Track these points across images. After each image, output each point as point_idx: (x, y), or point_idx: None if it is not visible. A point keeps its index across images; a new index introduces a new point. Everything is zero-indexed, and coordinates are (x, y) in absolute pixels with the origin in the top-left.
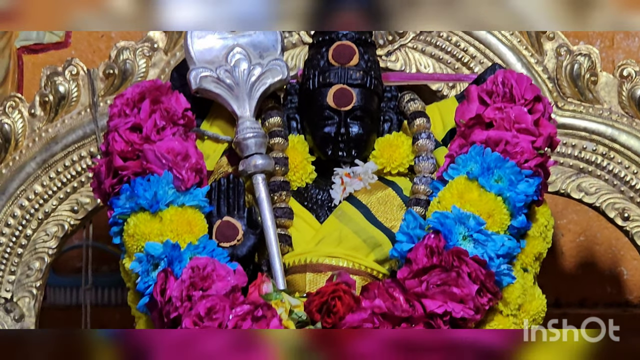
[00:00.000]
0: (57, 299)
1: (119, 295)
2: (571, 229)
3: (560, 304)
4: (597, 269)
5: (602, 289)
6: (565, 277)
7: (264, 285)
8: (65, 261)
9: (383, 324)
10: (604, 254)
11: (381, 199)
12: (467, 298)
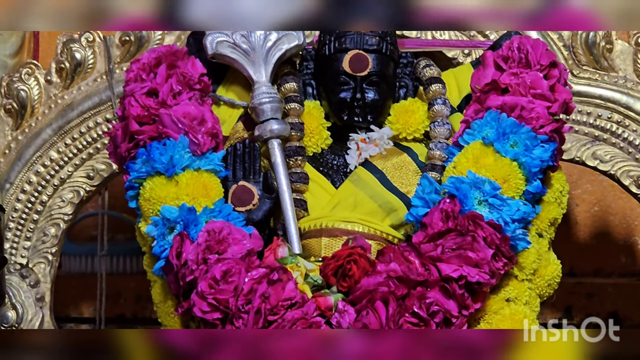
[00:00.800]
0: (73, 267)
1: (134, 263)
2: (586, 199)
3: (574, 274)
4: (612, 238)
5: (616, 259)
6: (580, 247)
7: (280, 249)
8: (81, 230)
9: (398, 288)
10: (618, 224)
11: (397, 164)
12: (483, 262)
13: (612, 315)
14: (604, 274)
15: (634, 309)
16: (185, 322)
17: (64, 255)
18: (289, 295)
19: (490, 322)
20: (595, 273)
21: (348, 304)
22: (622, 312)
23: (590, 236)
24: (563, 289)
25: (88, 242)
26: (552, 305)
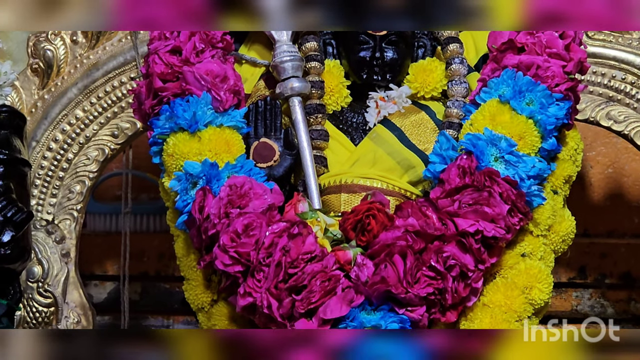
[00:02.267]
0: (97, 226)
1: (157, 222)
2: (600, 161)
3: (589, 234)
4: (625, 200)
5: (629, 220)
6: (594, 208)
7: (300, 205)
8: (105, 189)
9: (416, 242)
10: (632, 186)
11: (415, 122)
12: (499, 217)
13: (625, 275)
14: (618, 235)
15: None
16: (207, 275)
17: (88, 214)
18: (309, 249)
19: (505, 277)
20: (608, 234)
21: (367, 258)
22: (634, 272)
23: (604, 198)
24: (577, 249)
25: (112, 201)
26: (566, 264)
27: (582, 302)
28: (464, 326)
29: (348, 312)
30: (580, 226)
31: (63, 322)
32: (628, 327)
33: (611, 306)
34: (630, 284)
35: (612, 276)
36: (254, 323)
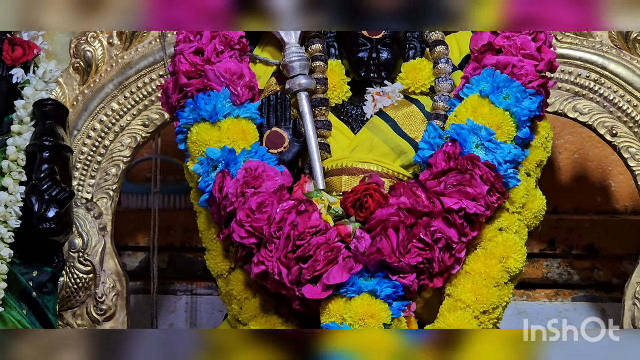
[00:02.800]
0: (130, 204)
1: (183, 201)
2: (567, 148)
3: (558, 212)
4: (589, 182)
5: (593, 199)
6: (562, 189)
7: (307, 185)
8: (137, 172)
9: (407, 218)
10: (595, 170)
11: (406, 114)
12: (479, 197)
13: (589, 247)
14: (583, 212)
15: (607, 242)
16: (226, 247)
17: (123, 193)
18: (314, 224)
19: (485, 248)
20: (575, 211)
21: (364, 232)
22: (597, 244)
23: (571, 180)
24: (547, 225)
25: (143, 182)
26: (538, 237)
27: (552, 271)
28: (449, 291)
29: (348, 279)
30: (550, 204)
31: (101, 287)
32: (591, 292)
33: (577, 274)
34: (594, 254)
35: (578, 248)
36: (267, 289)
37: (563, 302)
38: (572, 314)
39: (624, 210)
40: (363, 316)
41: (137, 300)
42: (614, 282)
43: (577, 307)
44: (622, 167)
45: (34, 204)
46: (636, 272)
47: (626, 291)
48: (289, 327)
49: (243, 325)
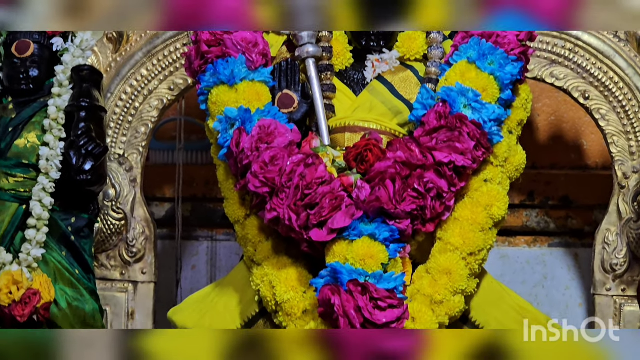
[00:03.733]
0: (157, 160)
1: (204, 156)
2: (545, 111)
3: (536, 167)
4: (564, 141)
5: (568, 156)
6: (540, 147)
7: (314, 141)
8: (164, 131)
9: (403, 170)
10: (569, 130)
11: (402, 78)
12: (467, 151)
13: (564, 198)
14: (558, 168)
15: (580, 193)
16: (242, 195)
17: (151, 150)
18: (320, 175)
19: (472, 197)
20: (551, 167)
21: (365, 182)
22: (571, 196)
23: (548, 139)
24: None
25: (169, 140)
26: (519, 190)
27: (531, 219)
28: (439, 235)
29: (350, 224)
30: (530, 160)
31: (131, 232)
32: (566, 238)
33: (553, 222)
34: (568, 205)
35: (554, 199)
36: (278, 233)
37: (540, 248)
38: (548, 258)
39: (595, 166)
40: (363, 256)
41: (163, 245)
42: (585, 230)
43: (553, 252)
44: (593, 128)
45: (72, 158)
46: (605, 220)
47: (596, 237)
48: (297, 267)
49: (257, 265)
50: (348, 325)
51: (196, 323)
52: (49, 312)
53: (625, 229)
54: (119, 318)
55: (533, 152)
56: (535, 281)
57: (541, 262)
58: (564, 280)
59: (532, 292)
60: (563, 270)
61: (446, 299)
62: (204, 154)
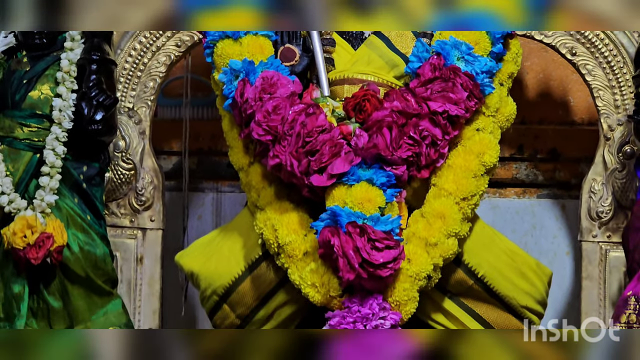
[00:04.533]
0: (165, 115)
1: (210, 112)
2: (534, 69)
3: (525, 122)
4: (552, 98)
5: (555, 112)
6: (529, 104)
7: (314, 92)
8: (171, 88)
9: (399, 118)
10: (557, 87)
11: (399, 32)
12: (460, 101)
13: (552, 151)
14: (546, 123)
15: (567, 147)
16: (246, 144)
17: (159, 106)
18: (320, 124)
19: (465, 145)
20: (539, 122)
21: (363, 130)
22: (559, 149)
23: (536, 96)
24: (517, 133)
25: (176, 97)
26: (508, 143)
27: (520, 172)
28: (434, 181)
29: (349, 169)
30: (519, 116)
31: (140, 182)
32: (554, 190)
33: (541, 175)
34: (556, 158)
35: (542, 152)
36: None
37: (529, 199)
38: (537, 209)
39: (581, 122)
40: (361, 200)
41: (171, 196)
42: (572, 182)
43: (541, 203)
44: (580, 85)
45: (84, 108)
46: (591, 170)
47: (583, 186)
48: (299, 211)
49: (260, 210)
50: (347, 265)
51: (202, 266)
52: (61, 255)
53: (611, 178)
54: (128, 263)
55: (522, 108)
56: (525, 230)
57: (530, 212)
58: (552, 229)
59: (522, 240)
60: (551, 220)
61: (440, 241)
62: (210, 110)
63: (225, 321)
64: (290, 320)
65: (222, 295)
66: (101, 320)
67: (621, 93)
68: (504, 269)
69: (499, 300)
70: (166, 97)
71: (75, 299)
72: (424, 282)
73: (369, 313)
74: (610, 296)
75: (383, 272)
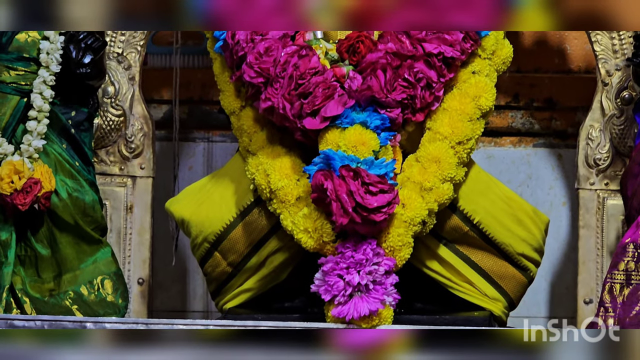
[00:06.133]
0: (155, 63)
1: (200, 60)
2: None
3: (520, 71)
4: (548, 46)
5: (551, 60)
6: (525, 52)
7: (307, 34)
8: (161, 36)
9: (394, 60)
10: (553, 35)
11: None
12: (455, 42)
13: (548, 99)
14: (542, 71)
15: (562, 95)
16: (238, 87)
17: (149, 54)
18: (313, 65)
19: (460, 88)
20: (535, 70)
21: (356, 73)
22: (555, 97)
23: (532, 44)
24: (512, 81)
25: (166, 45)
26: (504, 91)
27: (516, 120)
28: (429, 125)
29: (343, 112)
30: (515, 64)
31: (130, 128)
32: (550, 139)
33: (537, 123)
34: (552, 106)
35: (538, 101)
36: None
37: (525, 148)
38: (533, 158)
39: (578, 70)
40: (355, 143)
41: (161, 146)
42: (568, 131)
43: (538, 152)
44: (576, 33)
45: (72, 51)
46: (589, 117)
47: (580, 133)
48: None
49: (252, 155)
50: (340, 209)
51: (193, 213)
52: (49, 202)
53: (608, 125)
54: (118, 212)
55: (518, 57)
56: (520, 180)
57: (526, 162)
58: (548, 179)
59: (517, 190)
60: (547, 170)
61: (435, 186)
62: (201, 58)
63: (216, 269)
64: (283, 267)
65: (213, 242)
66: (90, 269)
67: (619, 37)
68: (500, 216)
69: (494, 247)
70: (156, 44)
71: (63, 246)
72: (419, 228)
73: (363, 258)
74: (608, 245)
75: (377, 216)
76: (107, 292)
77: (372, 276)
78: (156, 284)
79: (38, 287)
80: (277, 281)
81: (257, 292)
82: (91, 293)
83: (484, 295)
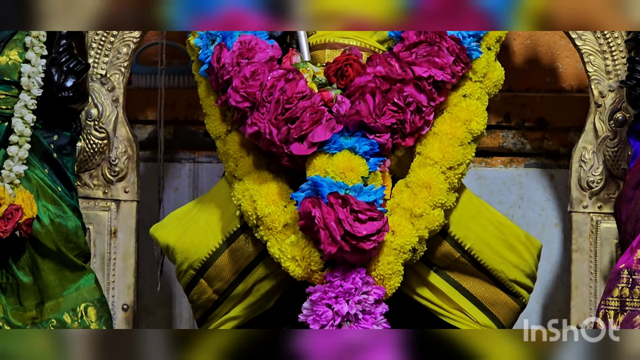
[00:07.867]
0: (140, 83)
1: (186, 80)
2: (521, 35)
3: (512, 90)
4: (540, 65)
5: (543, 79)
6: (516, 70)
7: (294, 57)
8: (146, 55)
9: (383, 84)
10: (545, 53)
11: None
12: (446, 66)
13: (540, 120)
14: (534, 90)
15: (555, 115)
16: (223, 111)
17: (133, 74)
18: (301, 89)
19: (451, 112)
20: (527, 89)
21: (345, 97)
22: (547, 118)
23: (524, 62)
24: (503, 101)
25: (151, 64)
26: (495, 111)
27: (507, 140)
28: (419, 149)
29: (331, 137)
30: (506, 84)
31: (114, 151)
32: (541, 159)
33: (529, 143)
34: (544, 126)
35: (530, 120)
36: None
37: (517, 168)
38: (524, 179)
39: (570, 89)
40: (344, 169)
41: (146, 167)
42: (561, 151)
43: (529, 173)
44: (568, 51)
45: (54, 74)
46: (581, 138)
47: (573, 155)
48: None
49: (238, 180)
50: (329, 237)
51: (178, 239)
52: (31, 228)
53: (602, 147)
54: (102, 236)
55: (509, 76)
56: (512, 201)
57: (517, 182)
58: (540, 200)
59: (509, 212)
60: (539, 190)
61: (426, 212)
62: (186, 78)
63: (202, 296)
64: (269, 295)
65: (198, 269)
66: (73, 296)
67: (612, 58)
68: (492, 241)
69: (486, 274)
70: (141, 64)
71: (46, 273)
72: (409, 255)
73: (352, 287)
74: (601, 269)
75: (366, 244)
76: (91, 320)
77: (362, 305)
78: (142, 308)
79: (20, 315)
80: (264, 309)
81: (244, 320)
82: (74, 321)
83: (476, 322)
